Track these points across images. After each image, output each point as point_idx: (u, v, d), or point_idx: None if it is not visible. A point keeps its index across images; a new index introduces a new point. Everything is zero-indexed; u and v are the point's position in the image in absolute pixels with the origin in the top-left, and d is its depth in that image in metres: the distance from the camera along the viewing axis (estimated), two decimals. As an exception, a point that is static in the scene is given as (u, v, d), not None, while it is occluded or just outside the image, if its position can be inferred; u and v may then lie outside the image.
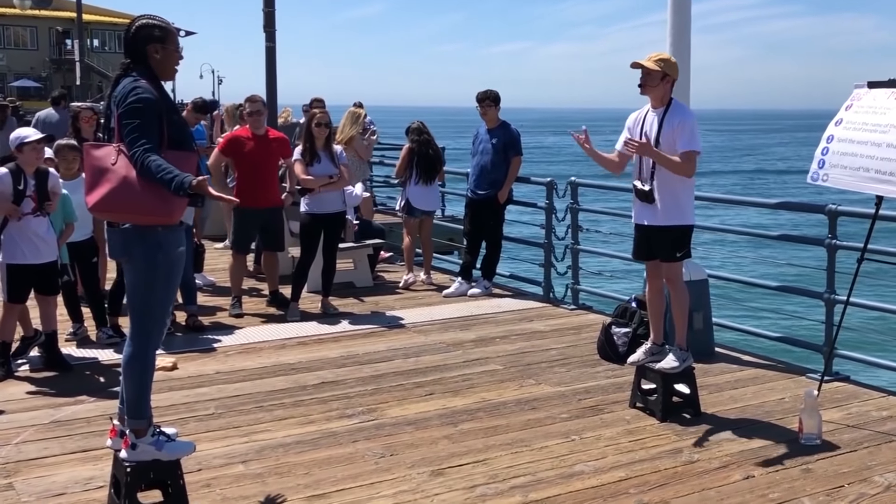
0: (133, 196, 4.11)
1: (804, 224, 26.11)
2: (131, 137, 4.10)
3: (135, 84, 4.20)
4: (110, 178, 4.13)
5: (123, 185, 4.12)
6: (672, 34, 7.07)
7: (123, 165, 4.14)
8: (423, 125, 10.16)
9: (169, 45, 4.35)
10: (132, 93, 4.16)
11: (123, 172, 4.13)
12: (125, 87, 4.19)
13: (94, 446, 5.11)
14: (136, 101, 4.13)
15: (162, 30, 4.35)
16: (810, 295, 7.07)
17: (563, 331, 7.99)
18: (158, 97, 4.22)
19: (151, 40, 4.31)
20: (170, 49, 4.35)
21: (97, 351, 7.11)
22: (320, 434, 5.39)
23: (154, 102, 4.18)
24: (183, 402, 5.94)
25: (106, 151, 4.21)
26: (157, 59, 4.30)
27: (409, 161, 9.95)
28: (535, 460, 5.01)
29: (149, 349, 4.32)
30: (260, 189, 8.28)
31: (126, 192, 4.12)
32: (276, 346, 7.43)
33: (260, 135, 8.46)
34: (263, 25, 13.20)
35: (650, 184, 5.63)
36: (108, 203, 4.16)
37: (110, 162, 4.15)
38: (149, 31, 4.32)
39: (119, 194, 4.12)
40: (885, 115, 5.52)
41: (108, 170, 4.14)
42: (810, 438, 5.26)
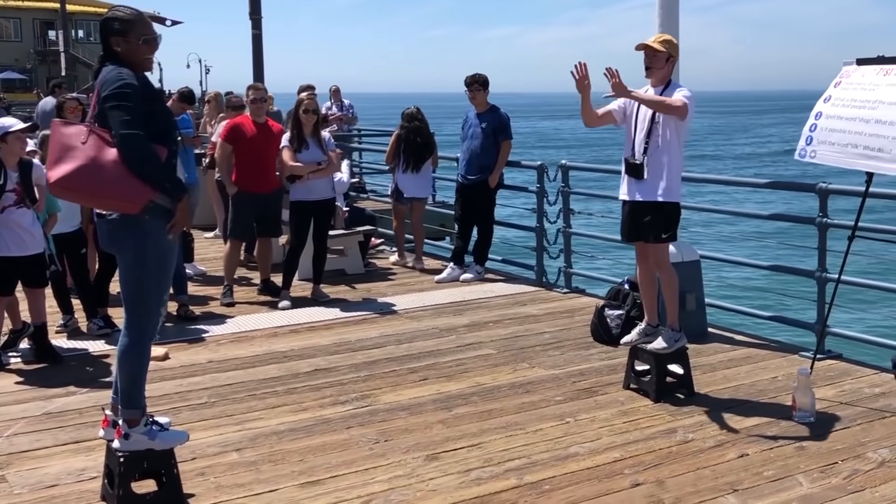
0: (97, 178, 4.04)
1: (795, 202, 26.15)
2: (120, 121, 4.04)
3: (119, 70, 4.15)
4: (77, 157, 4.05)
5: (90, 165, 4.04)
6: (661, 16, 7.07)
7: (93, 146, 4.05)
8: (419, 111, 10.16)
9: (131, 38, 4.24)
10: (118, 77, 4.11)
11: (92, 153, 4.04)
12: (109, 73, 4.15)
13: (86, 437, 5.09)
14: (121, 88, 4.09)
15: (122, 21, 4.25)
16: (802, 274, 7.08)
17: (557, 314, 7.99)
18: (139, 86, 4.17)
19: (112, 33, 4.24)
20: (132, 41, 4.24)
21: (88, 342, 7.08)
22: (314, 421, 5.38)
23: (137, 91, 4.14)
24: (175, 392, 5.92)
25: (77, 129, 4.15)
26: (119, 52, 4.23)
27: (397, 147, 9.95)
28: (529, 443, 5.00)
29: (144, 339, 4.29)
30: (260, 174, 8.32)
31: (91, 173, 4.03)
32: (267, 334, 7.41)
33: (261, 122, 8.49)
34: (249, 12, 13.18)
35: (642, 158, 5.61)
36: (71, 181, 4.06)
37: (80, 140, 4.07)
38: (110, 24, 4.26)
39: (83, 174, 4.03)
40: (873, 91, 5.51)
41: (76, 148, 4.06)
42: (804, 416, 5.27)
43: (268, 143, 8.40)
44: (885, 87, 5.41)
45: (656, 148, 5.58)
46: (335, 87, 18.54)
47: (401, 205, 10.24)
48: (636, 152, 5.65)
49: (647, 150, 5.60)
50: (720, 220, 17.50)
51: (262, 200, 8.40)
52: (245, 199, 8.39)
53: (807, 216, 6.96)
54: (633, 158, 5.65)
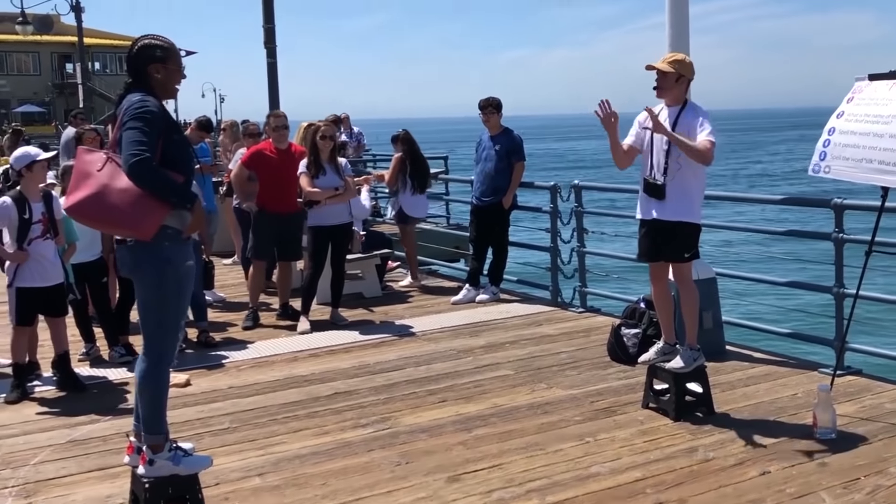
0: (106, 205, 4.14)
1: (809, 219, 26.03)
2: (133, 140, 4.12)
3: (144, 97, 4.26)
4: (90, 184, 4.16)
5: (100, 192, 4.14)
6: (671, 37, 7.10)
7: (107, 174, 4.16)
8: (409, 134, 10.41)
9: (171, 65, 4.40)
10: (140, 102, 4.21)
11: (104, 180, 4.15)
12: (133, 99, 4.24)
13: (111, 464, 5.13)
14: (143, 112, 4.18)
15: (164, 49, 4.39)
16: (819, 290, 7.07)
17: (573, 334, 8.01)
18: (160, 114, 4.27)
19: (153, 60, 4.36)
20: (171, 68, 4.40)
21: (110, 370, 7.14)
22: (335, 444, 5.40)
23: (159, 117, 4.23)
24: (197, 418, 5.96)
25: (96, 157, 4.26)
26: (158, 79, 4.35)
27: (400, 170, 10.09)
28: (550, 463, 5.01)
29: (162, 365, 4.35)
30: (282, 196, 8.47)
31: (101, 200, 4.14)
32: (287, 359, 7.45)
33: (283, 148, 8.64)
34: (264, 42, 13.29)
35: (663, 178, 5.61)
36: (82, 208, 4.20)
37: (96, 168, 4.18)
38: (150, 52, 4.37)
39: (93, 201, 4.15)
40: (886, 105, 5.53)
41: (92, 175, 4.17)
42: (825, 433, 5.26)
43: (289, 166, 8.52)
44: (898, 101, 5.44)
45: (677, 168, 5.57)
46: (345, 115, 18.73)
47: (409, 227, 10.38)
48: (656, 173, 5.64)
49: (667, 171, 5.60)
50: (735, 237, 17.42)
51: (282, 220, 8.53)
52: (266, 219, 8.58)
53: (823, 232, 6.96)
54: (654, 179, 5.63)
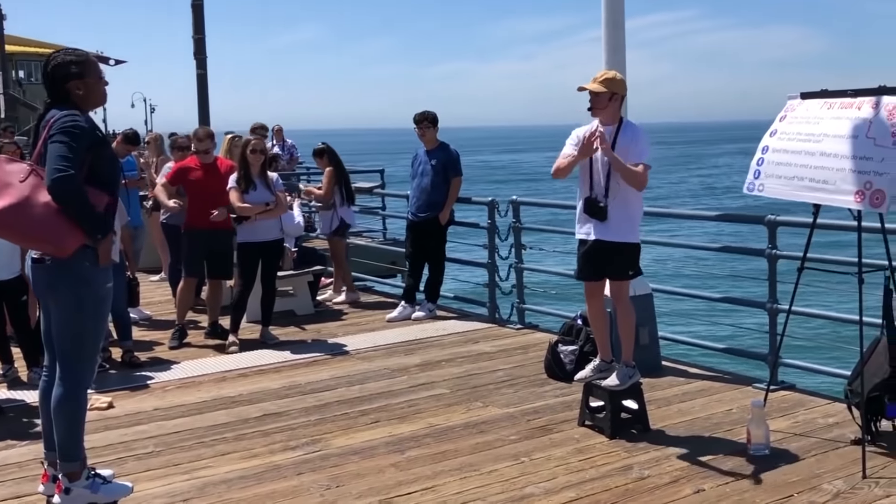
0: (27, 219, 3.98)
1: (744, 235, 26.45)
2: (59, 155, 3.98)
3: (72, 113, 4.10)
4: (11, 194, 4.00)
5: (22, 204, 3.98)
6: (607, 51, 7.10)
7: (30, 186, 4.00)
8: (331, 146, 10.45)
9: (89, 78, 4.24)
10: (69, 117, 4.06)
11: (27, 192, 3.99)
12: (62, 115, 4.07)
13: (27, 492, 4.87)
14: (72, 127, 4.03)
15: (79, 64, 4.22)
16: (753, 305, 7.12)
17: (510, 351, 7.93)
18: (88, 130, 4.11)
19: (70, 77, 4.20)
20: (90, 82, 4.24)
21: (28, 392, 6.84)
22: (264, 468, 5.23)
23: (87, 133, 4.08)
24: (120, 442, 5.73)
25: (18, 168, 4.09)
26: (80, 95, 4.20)
27: (334, 182, 10.05)
28: (484, 484, 4.91)
29: (80, 389, 4.17)
30: (207, 212, 8.18)
31: (22, 212, 3.98)
32: (215, 379, 7.24)
33: (208, 163, 8.47)
34: (194, 52, 13.07)
35: (605, 200, 5.59)
36: (1, 218, 4.00)
37: (18, 178, 4.02)
38: (66, 69, 4.21)
39: (14, 213, 3.98)
40: (818, 124, 5.56)
41: (12, 185, 4.00)
42: (759, 449, 5.25)
43: (216, 181, 8.32)
44: (829, 119, 5.46)
45: (618, 189, 5.58)
46: (278, 127, 18.48)
47: (344, 241, 10.39)
48: (598, 194, 5.62)
49: (608, 192, 5.59)
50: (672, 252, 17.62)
51: (211, 237, 8.30)
52: (195, 235, 8.39)
53: (756, 248, 7.00)
54: (597, 201, 5.61)
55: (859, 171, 5.20)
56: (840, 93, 5.57)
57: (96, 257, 4.10)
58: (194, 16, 12.60)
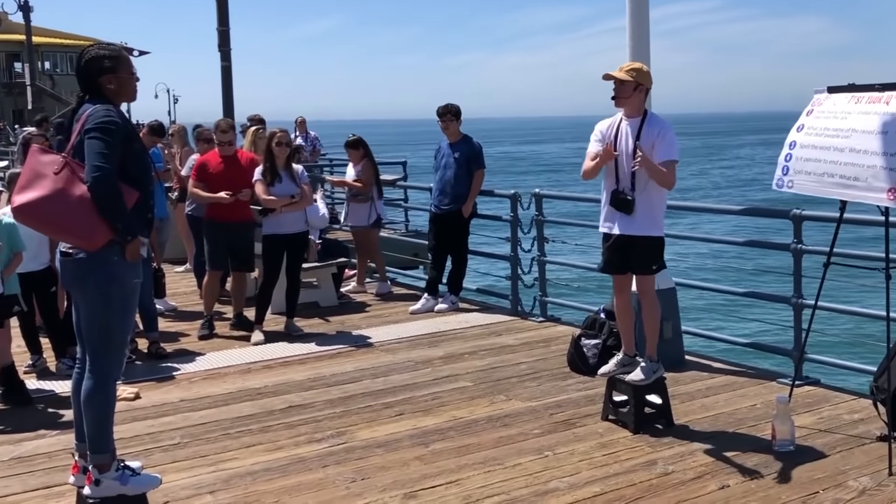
0: (61, 211, 4.03)
1: (769, 229, 26.17)
2: (97, 152, 4.02)
3: (107, 108, 4.16)
4: (45, 185, 4.04)
5: (57, 196, 4.02)
6: (631, 40, 7.07)
7: (65, 178, 4.04)
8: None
9: (122, 73, 4.29)
10: (105, 113, 4.11)
11: (61, 185, 4.03)
12: (97, 109, 4.12)
13: (57, 482, 4.95)
14: (108, 123, 4.08)
15: (112, 59, 4.27)
16: (778, 300, 7.09)
17: (533, 344, 7.94)
18: (122, 125, 4.16)
19: (103, 71, 4.25)
20: (123, 77, 4.29)
21: (57, 383, 6.94)
22: (289, 460, 5.27)
23: (121, 129, 4.13)
24: (147, 433, 5.79)
25: (52, 159, 4.13)
26: (112, 90, 4.24)
27: (372, 175, 10.07)
28: (508, 478, 4.93)
29: (108, 382, 4.21)
30: (229, 205, 8.29)
31: (56, 204, 4.02)
32: (241, 370, 7.30)
33: (229, 156, 8.50)
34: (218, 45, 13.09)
35: (632, 194, 5.58)
36: (34, 209, 4.07)
37: (53, 170, 4.06)
38: (99, 63, 4.25)
39: (48, 204, 4.03)
40: (846, 119, 5.52)
41: (47, 176, 4.05)
42: (784, 445, 5.24)
43: (237, 174, 8.37)
44: (858, 115, 5.42)
45: (645, 183, 5.57)
46: (301, 119, 18.46)
47: (378, 231, 10.53)
48: (624, 188, 5.60)
49: (634, 186, 5.58)
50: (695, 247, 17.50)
51: (233, 230, 8.36)
52: (215, 228, 8.44)
53: (781, 242, 6.96)
54: (624, 194, 5.60)
55: (891, 168, 5.17)
56: (867, 87, 5.53)
57: (124, 252, 4.14)
58: (219, 7, 12.63)
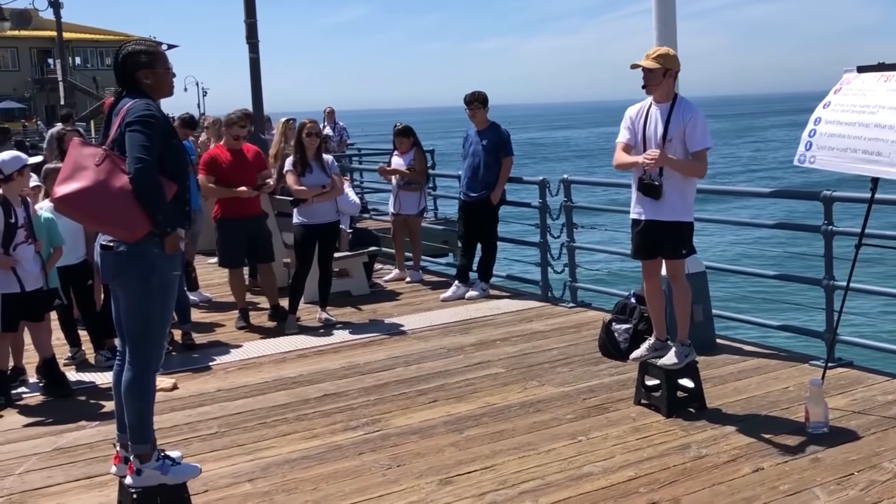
0: (103, 202, 4.09)
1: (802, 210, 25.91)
2: (139, 145, 4.10)
3: (147, 102, 4.24)
4: (87, 177, 4.11)
5: (99, 188, 4.09)
6: (658, 23, 7.05)
7: (106, 170, 4.11)
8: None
9: (159, 68, 4.35)
10: (145, 107, 4.19)
11: (103, 176, 4.10)
12: (136, 104, 4.19)
13: (98, 472, 5.06)
14: (148, 117, 4.16)
15: (149, 54, 4.34)
16: (809, 282, 7.06)
17: (564, 330, 7.96)
18: (162, 120, 4.24)
19: (140, 66, 4.32)
20: (160, 72, 4.35)
21: (96, 374, 7.07)
22: (325, 448, 5.35)
23: (161, 123, 4.20)
24: (185, 423, 5.89)
25: (94, 151, 4.20)
26: (149, 84, 4.31)
27: (424, 162, 10.33)
28: (542, 463, 4.97)
29: (149, 373, 4.29)
30: (239, 200, 8.28)
31: (98, 196, 4.09)
32: (275, 360, 7.39)
33: (236, 149, 8.45)
34: (246, 37, 13.12)
35: (659, 179, 5.58)
36: (76, 200, 4.13)
37: (95, 161, 4.13)
38: (136, 58, 4.32)
39: (90, 196, 4.09)
40: (873, 96, 5.49)
41: (88, 168, 4.11)
42: (817, 427, 5.24)
43: (245, 168, 8.37)
44: (885, 92, 5.40)
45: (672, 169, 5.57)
46: (329, 109, 18.51)
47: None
48: (651, 173, 5.61)
49: (662, 171, 5.58)
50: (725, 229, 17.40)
51: (248, 224, 8.37)
52: (230, 225, 8.38)
53: (812, 224, 6.93)
54: (650, 179, 5.60)
55: (916, 144, 5.14)
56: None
57: (163, 244, 4.21)
58: (246, 0, 12.68)
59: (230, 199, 8.31)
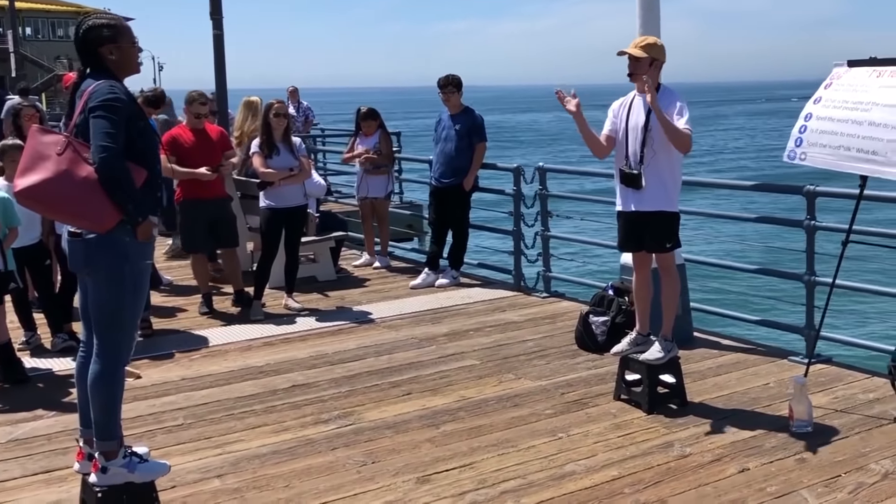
0: (67, 194, 3.85)
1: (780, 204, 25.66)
2: (103, 133, 3.85)
3: (112, 83, 3.97)
4: (49, 167, 3.86)
5: (62, 178, 3.85)
6: (641, 10, 6.89)
7: (69, 159, 3.86)
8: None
9: (123, 43, 4.08)
10: (110, 89, 3.92)
11: (65, 166, 3.85)
12: (100, 85, 3.93)
13: (57, 466, 4.82)
14: (113, 100, 3.90)
15: (112, 27, 4.07)
16: (790, 277, 6.97)
17: (538, 320, 7.81)
18: (128, 102, 3.98)
19: (103, 41, 4.05)
20: (125, 47, 4.09)
21: (53, 360, 6.78)
22: (297, 442, 5.15)
23: (127, 106, 3.95)
24: (149, 413, 5.65)
25: (55, 139, 3.94)
26: (113, 61, 4.05)
27: (390, 145, 10.15)
28: (523, 461, 4.82)
29: (118, 366, 4.06)
30: (202, 182, 7.98)
31: (61, 187, 3.85)
32: (241, 347, 7.15)
33: (199, 129, 8.16)
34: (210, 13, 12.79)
35: (639, 168, 5.46)
36: (39, 192, 3.88)
37: (56, 150, 3.88)
38: (98, 32, 4.06)
39: (53, 186, 3.85)
40: (866, 92, 5.39)
41: (49, 158, 3.87)
42: (801, 425, 5.14)
43: (208, 149, 8.07)
44: (879, 88, 5.30)
45: (652, 156, 5.45)
46: (293, 88, 18.08)
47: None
48: (632, 162, 5.49)
49: (642, 160, 5.45)
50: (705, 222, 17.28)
51: (211, 208, 8.08)
52: (192, 208, 8.11)
53: (794, 219, 6.83)
54: (630, 168, 5.48)
55: (911, 143, 5.04)
56: (890, 61, 5.42)
57: (135, 232, 3.97)
58: (210, -26, 12.34)
59: (192, 181, 8.01)
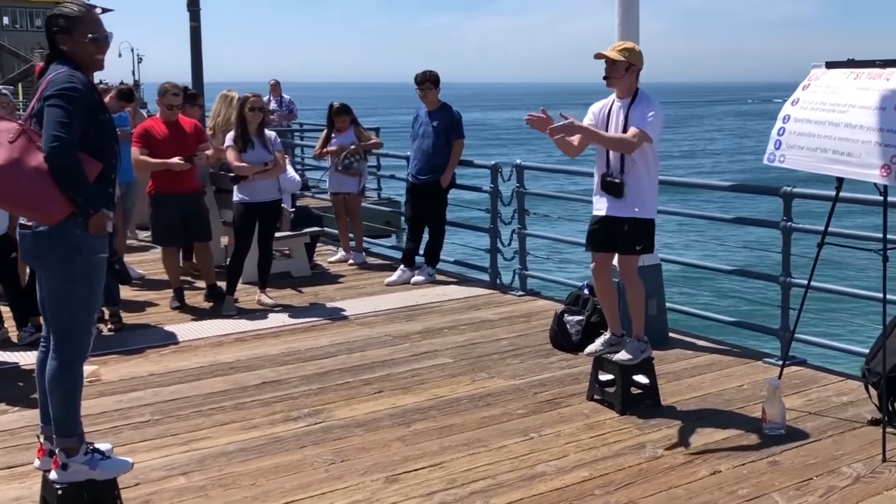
0: (16, 182, 3.75)
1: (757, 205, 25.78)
2: (57, 120, 3.75)
3: (71, 72, 3.87)
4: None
5: (11, 167, 3.74)
6: (620, 7, 6.85)
7: (20, 147, 3.76)
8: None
9: (76, 35, 3.95)
10: (68, 78, 3.82)
11: (16, 154, 3.75)
12: (59, 73, 3.83)
13: (20, 462, 4.72)
14: (69, 90, 3.79)
15: (68, 18, 3.95)
16: (765, 278, 6.95)
17: (513, 319, 7.75)
18: (86, 92, 3.87)
19: (57, 31, 3.95)
20: (77, 40, 3.96)
21: (18, 354, 6.67)
22: (265, 440, 5.07)
23: (84, 97, 3.84)
24: (115, 409, 5.56)
25: (8, 126, 3.84)
26: (66, 51, 3.94)
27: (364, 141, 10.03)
28: (494, 461, 4.76)
29: (75, 362, 3.95)
30: (177, 174, 7.90)
31: (9, 176, 3.74)
32: (212, 343, 7.05)
33: (171, 121, 8.09)
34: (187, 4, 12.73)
35: (620, 177, 5.43)
36: None
37: (8, 138, 3.78)
38: (54, 22, 3.96)
39: (2, 175, 3.74)
40: (843, 94, 5.36)
41: (1, 146, 3.76)
42: (774, 428, 5.12)
43: (182, 141, 7.99)
44: (856, 90, 5.26)
45: (633, 165, 5.43)
46: (274, 81, 17.89)
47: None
48: (613, 170, 5.46)
49: (623, 168, 5.42)
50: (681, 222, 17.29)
51: (184, 201, 8.00)
52: (164, 201, 8.03)
53: (770, 220, 6.81)
54: (612, 177, 5.46)
55: (886, 145, 5.02)
56: (867, 63, 5.37)
57: (87, 225, 3.87)
58: (188, -35, 12.28)
59: (165, 173, 7.92)
